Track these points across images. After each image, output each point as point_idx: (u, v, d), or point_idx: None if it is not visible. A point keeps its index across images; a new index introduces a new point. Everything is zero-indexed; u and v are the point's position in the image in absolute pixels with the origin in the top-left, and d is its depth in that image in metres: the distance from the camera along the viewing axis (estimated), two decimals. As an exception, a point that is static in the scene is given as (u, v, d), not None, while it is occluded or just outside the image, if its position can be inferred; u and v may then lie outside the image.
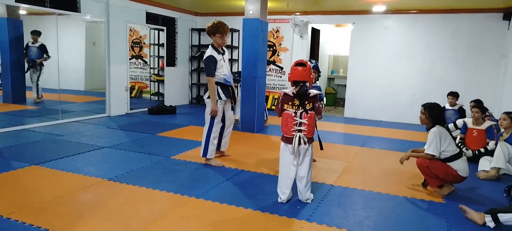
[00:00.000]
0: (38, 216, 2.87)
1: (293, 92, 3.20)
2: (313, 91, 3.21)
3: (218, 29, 4.18)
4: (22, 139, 5.23)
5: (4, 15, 6.60)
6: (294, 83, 3.20)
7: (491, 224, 2.90)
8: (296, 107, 3.17)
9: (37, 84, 7.42)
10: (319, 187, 3.75)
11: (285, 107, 3.23)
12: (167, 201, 3.26)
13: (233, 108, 4.61)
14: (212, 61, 4.14)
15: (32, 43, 7.25)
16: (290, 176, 3.30)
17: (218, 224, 2.88)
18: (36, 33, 7.18)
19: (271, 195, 3.48)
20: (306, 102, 3.16)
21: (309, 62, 3.35)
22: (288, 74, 3.29)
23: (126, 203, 3.19)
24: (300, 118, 3.15)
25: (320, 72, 3.67)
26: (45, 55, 7.26)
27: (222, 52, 4.31)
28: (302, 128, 3.15)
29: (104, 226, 2.75)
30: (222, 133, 4.53)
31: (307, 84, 3.24)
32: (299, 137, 3.15)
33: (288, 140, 3.24)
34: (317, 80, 3.84)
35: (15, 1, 5.79)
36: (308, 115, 3.15)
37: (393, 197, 3.59)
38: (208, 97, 4.24)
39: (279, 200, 3.34)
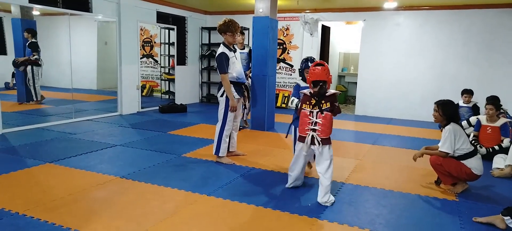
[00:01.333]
0: (52, 212, 2.92)
1: (310, 92, 3.24)
2: (330, 91, 3.23)
3: (229, 28, 4.20)
4: (36, 137, 5.32)
5: (18, 16, 6.71)
6: (313, 83, 3.20)
7: None
8: (312, 106, 3.20)
9: (28, 86, 7.01)
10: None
11: (303, 107, 3.27)
12: (179, 199, 3.28)
13: (245, 107, 4.60)
14: (225, 58, 4.16)
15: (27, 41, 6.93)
16: (298, 169, 3.46)
17: (229, 221, 2.89)
18: (29, 31, 6.85)
19: (282, 193, 3.48)
20: (323, 102, 3.17)
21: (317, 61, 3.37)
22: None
23: (138, 201, 3.22)
24: (315, 117, 3.17)
25: None
26: (33, 54, 6.86)
27: (233, 50, 4.32)
28: (317, 127, 3.17)
29: (116, 223, 2.78)
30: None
31: (326, 84, 3.20)
32: (312, 136, 3.18)
33: (301, 139, 3.28)
34: None
35: (29, 2, 5.89)
36: (323, 115, 3.15)
37: (405, 195, 3.55)
38: (222, 96, 4.26)
39: (286, 185, 3.58)
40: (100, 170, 3.96)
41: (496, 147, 4.74)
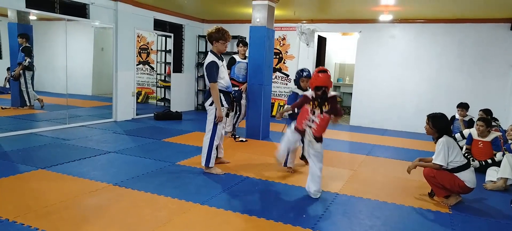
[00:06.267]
0: (44, 219, 2.89)
1: (313, 96, 3.50)
2: (331, 93, 3.50)
3: (223, 36, 4.13)
4: (29, 143, 5.27)
5: (15, 20, 6.70)
6: (316, 88, 3.45)
7: None
8: (314, 107, 3.50)
9: (21, 91, 7.00)
10: (324, 195, 3.73)
11: (306, 107, 3.57)
12: (172, 207, 3.26)
13: (228, 115, 4.58)
14: (215, 66, 4.10)
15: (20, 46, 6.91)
16: (290, 146, 3.83)
17: (222, 231, 2.88)
18: (22, 36, 6.80)
19: (276, 203, 3.47)
20: (325, 103, 3.46)
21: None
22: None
23: (131, 208, 3.20)
24: (315, 116, 3.48)
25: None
26: (25, 58, 6.82)
27: (221, 58, 4.26)
28: (313, 125, 3.48)
29: (109, 231, 2.76)
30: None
31: (328, 89, 3.48)
32: (308, 131, 3.51)
33: (297, 131, 3.61)
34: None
35: (26, 7, 5.88)
36: (322, 116, 3.46)
37: (399, 207, 3.56)
38: (210, 104, 4.18)
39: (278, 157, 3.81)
40: (93, 177, 3.93)
41: (489, 161, 4.76)
